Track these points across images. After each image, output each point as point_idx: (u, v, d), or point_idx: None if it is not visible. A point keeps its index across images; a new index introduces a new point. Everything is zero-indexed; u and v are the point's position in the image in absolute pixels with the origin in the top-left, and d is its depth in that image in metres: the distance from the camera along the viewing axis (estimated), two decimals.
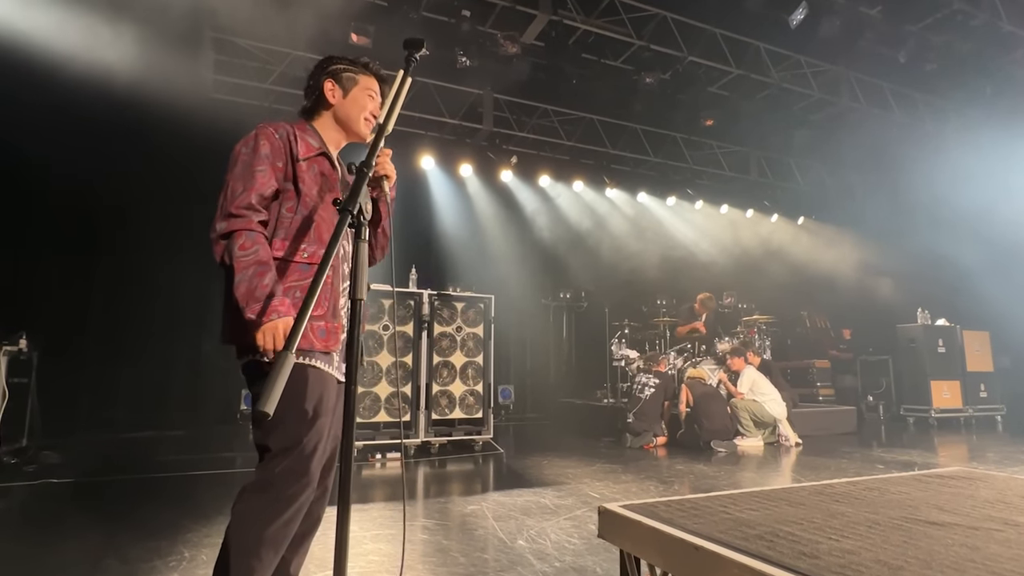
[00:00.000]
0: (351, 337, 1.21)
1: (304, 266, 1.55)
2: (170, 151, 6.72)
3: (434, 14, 6.50)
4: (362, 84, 1.74)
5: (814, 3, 6.54)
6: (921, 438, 6.64)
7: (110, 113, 6.06)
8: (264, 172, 1.54)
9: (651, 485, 4.10)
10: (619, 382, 8.00)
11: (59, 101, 5.79)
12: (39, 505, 3.58)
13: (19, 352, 4.83)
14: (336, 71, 1.74)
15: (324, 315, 1.55)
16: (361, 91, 1.73)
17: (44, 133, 5.99)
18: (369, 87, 1.75)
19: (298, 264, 1.54)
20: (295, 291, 1.52)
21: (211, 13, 5.84)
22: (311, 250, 1.56)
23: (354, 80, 1.74)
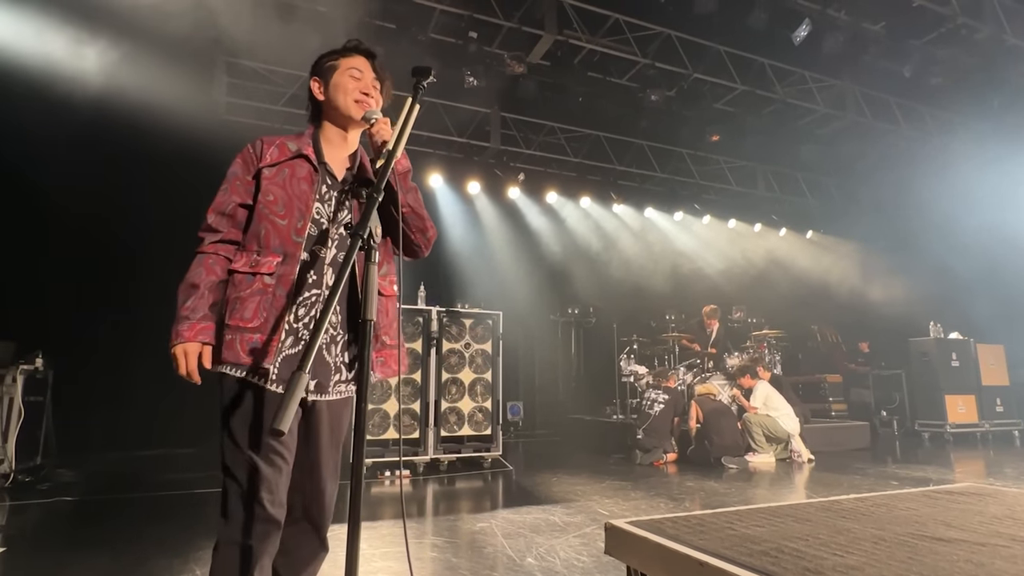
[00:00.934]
0: (361, 357, 1.19)
1: (249, 276, 1.47)
2: (182, 173, 6.85)
3: (442, 36, 6.63)
4: (343, 67, 1.63)
5: (817, 20, 6.61)
6: (937, 454, 6.54)
7: (124, 136, 6.21)
8: (225, 190, 1.57)
9: (661, 502, 4.07)
10: (628, 398, 7.96)
11: (74, 126, 5.95)
12: (53, 523, 3.62)
13: (35, 371, 4.91)
14: (318, 66, 1.67)
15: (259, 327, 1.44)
16: (342, 74, 1.62)
17: (59, 155, 6.14)
18: (351, 66, 1.63)
19: (244, 275, 1.47)
20: (236, 303, 1.45)
21: (224, 37, 6.00)
22: (260, 260, 1.47)
23: (334, 67, 1.64)
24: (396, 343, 1.65)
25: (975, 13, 6.66)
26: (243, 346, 1.42)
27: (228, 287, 1.50)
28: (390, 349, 1.63)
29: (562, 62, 7.13)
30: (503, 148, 8.47)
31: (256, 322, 1.44)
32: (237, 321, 1.45)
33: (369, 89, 1.63)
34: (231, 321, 1.45)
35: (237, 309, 1.45)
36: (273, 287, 1.46)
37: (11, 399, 4.58)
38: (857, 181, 10.34)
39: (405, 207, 1.60)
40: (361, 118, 1.59)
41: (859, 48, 6.94)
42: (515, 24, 6.53)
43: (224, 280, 1.51)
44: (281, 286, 1.46)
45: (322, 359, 1.50)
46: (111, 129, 6.09)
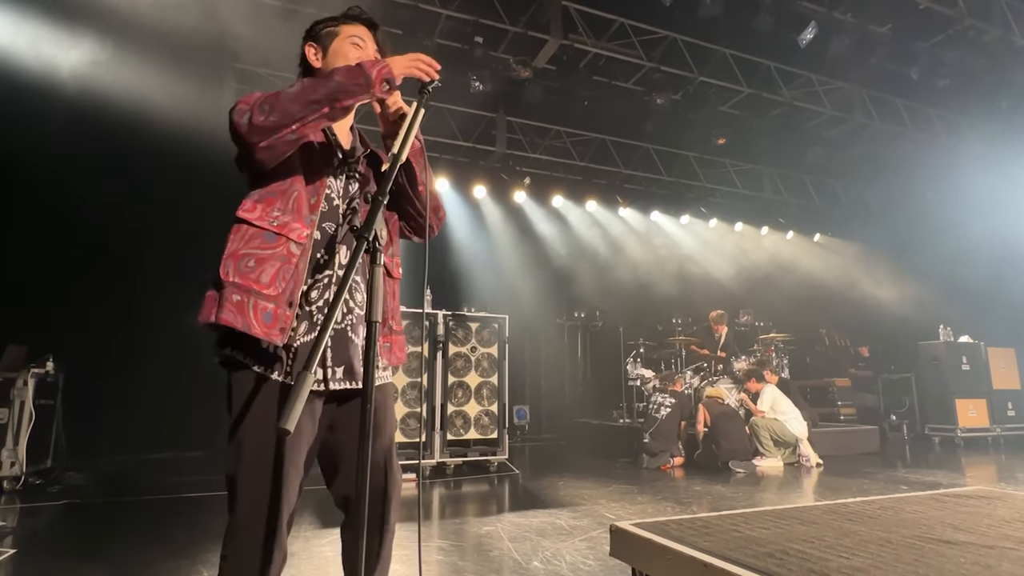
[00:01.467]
0: (367, 357, 1.12)
1: (270, 235, 1.31)
2: (190, 177, 6.93)
3: (448, 41, 6.67)
4: (344, 34, 1.50)
5: (823, 22, 6.60)
6: (947, 458, 6.48)
7: (133, 143, 6.28)
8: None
9: (668, 506, 4.05)
10: (635, 402, 7.94)
11: (81, 132, 6.02)
12: (63, 525, 3.65)
13: (46, 374, 4.96)
14: (314, 31, 1.54)
15: (276, 296, 1.27)
16: (342, 41, 1.49)
17: (68, 162, 6.21)
18: (352, 34, 1.50)
19: (264, 231, 1.31)
20: (250, 259, 1.28)
21: (232, 44, 6.07)
22: (283, 219, 1.32)
23: (334, 32, 1.51)
24: (401, 329, 1.56)
25: (983, 15, 6.63)
26: (256, 314, 1.25)
27: (231, 239, 1.32)
28: (396, 335, 1.52)
29: (567, 66, 7.16)
30: (509, 152, 8.49)
31: (273, 290, 1.27)
32: (251, 282, 1.26)
33: (372, 57, 1.51)
34: (242, 280, 1.27)
35: (252, 269, 1.27)
36: (297, 258, 1.31)
37: (22, 402, 4.63)
38: (864, 184, 10.29)
39: (421, 186, 1.51)
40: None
41: (866, 50, 6.92)
42: (520, 29, 6.56)
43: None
44: (303, 259, 1.33)
45: (348, 341, 1.38)
46: (119, 135, 6.16)
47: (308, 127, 1.28)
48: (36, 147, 5.98)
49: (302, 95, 1.26)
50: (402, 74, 1.34)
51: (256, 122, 1.24)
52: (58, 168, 6.19)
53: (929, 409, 8.01)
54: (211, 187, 7.15)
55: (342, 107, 1.29)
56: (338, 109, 1.29)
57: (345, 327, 1.38)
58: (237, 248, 1.30)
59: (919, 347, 8.16)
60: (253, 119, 1.24)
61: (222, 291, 1.27)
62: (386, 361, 1.49)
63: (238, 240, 1.31)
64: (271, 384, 1.28)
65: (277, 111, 1.24)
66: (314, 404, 1.33)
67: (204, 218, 7.30)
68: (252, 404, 1.26)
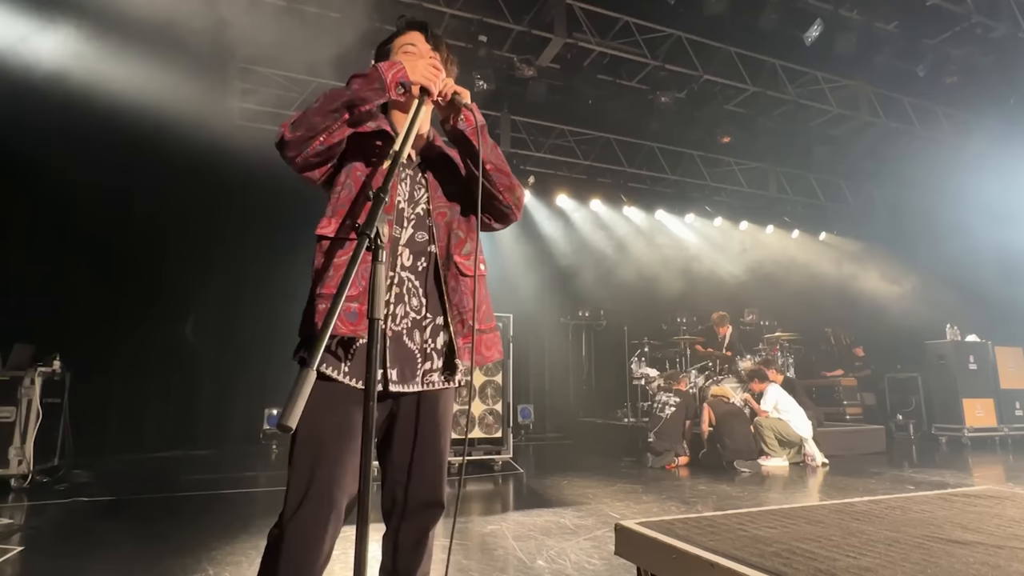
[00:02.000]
0: (369, 355, 1.12)
1: (343, 242, 1.37)
2: (196, 177, 6.96)
3: (452, 40, 6.62)
4: (396, 47, 1.56)
5: (829, 20, 6.56)
6: (954, 458, 6.44)
7: (140, 143, 6.31)
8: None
9: (673, 505, 4.04)
10: (639, 401, 7.93)
11: (91, 132, 6.05)
12: (70, 523, 3.67)
13: (53, 373, 4.98)
14: (377, 56, 1.59)
15: (358, 295, 1.31)
16: (396, 55, 1.54)
17: (76, 162, 6.24)
18: (404, 43, 1.55)
19: (339, 240, 1.37)
20: (330, 269, 1.34)
21: (238, 44, 6.09)
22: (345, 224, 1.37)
23: (389, 50, 1.57)
24: (489, 327, 1.52)
25: (990, 11, 6.58)
26: (341, 316, 1.29)
27: (316, 256, 1.37)
28: (481, 333, 1.49)
29: (572, 65, 7.14)
30: (513, 151, 8.49)
31: (354, 289, 1.32)
32: (331, 288, 1.32)
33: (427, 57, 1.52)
34: (326, 290, 1.32)
35: (332, 277, 1.33)
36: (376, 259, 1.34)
37: (29, 401, 4.65)
38: (871, 182, 10.23)
39: (488, 163, 1.45)
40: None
41: (872, 48, 6.88)
42: (525, 28, 6.55)
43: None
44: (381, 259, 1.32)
45: (402, 346, 1.39)
46: (127, 135, 6.20)
47: (334, 135, 1.34)
48: (44, 148, 6.03)
49: (323, 106, 1.33)
50: (418, 82, 1.37)
51: (287, 138, 1.32)
52: (66, 168, 6.23)
53: (936, 409, 7.97)
54: (219, 187, 7.24)
55: (361, 112, 1.34)
56: (358, 114, 1.34)
57: (401, 330, 1.40)
58: (320, 263, 1.36)
59: (925, 346, 8.11)
60: (285, 136, 1.32)
61: (313, 304, 1.34)
62: (466, 361, 1.46)
63: (320, 255, 1.37)
64: (331, 384, 1.32)
65: (303, 125, 1.31)
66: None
67: (212, 218, 7.38)
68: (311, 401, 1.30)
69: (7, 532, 3.36)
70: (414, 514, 1.43)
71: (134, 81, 5.85)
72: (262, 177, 6.16)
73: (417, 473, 1.43)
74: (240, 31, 5.81)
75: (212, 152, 6.47)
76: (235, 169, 6.68)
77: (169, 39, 5.65)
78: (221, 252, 7.40)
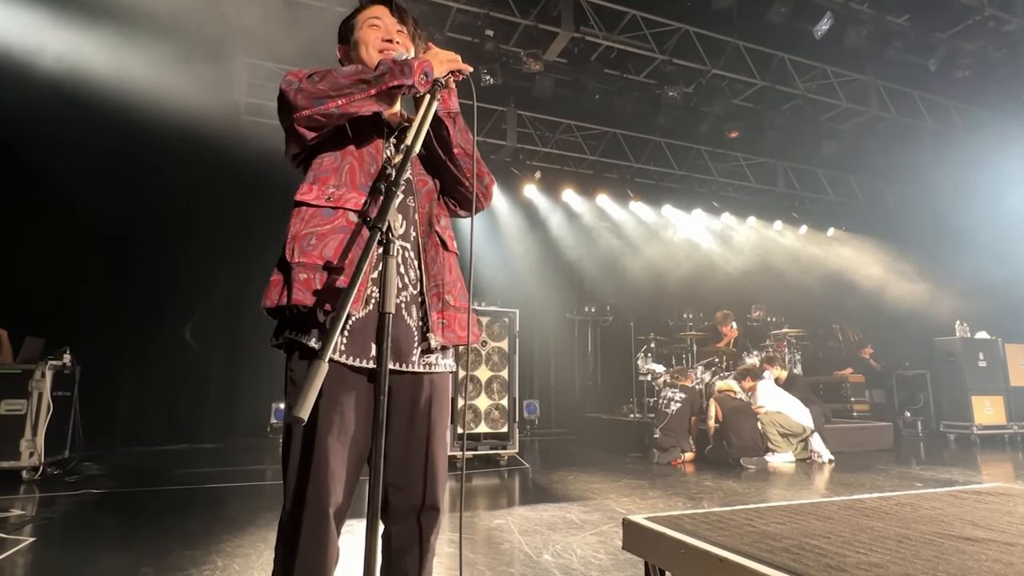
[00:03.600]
0: (379, 347, 1.09)
1: (328, 211, 1.29)
2: (202, 172, 6.99)
3: (458, 34, 6.65)
4: (360, 21, 1.50)
5: (839, 13, 6.50)
6: (963, 455, 6.40)
7: (147, 138, 6.34)
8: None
9: (679, 501, 4.04)
10: (645, 397, 7.91)
11: (96, 129, 6.09)
12: (80, 514, 3.70)
13: (63, 366, 5.03)
14: (340, 33, 1.55)
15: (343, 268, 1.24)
16: (361, 28, 1.49)
17: (84, 157, 6.27)
18: (368, 17, 1.50)
19: (321, 208, 1.30)
20: (311, 238, 1.26)
21: (244, 39, 6.10)
22: (338, 193, 1.31)
23: (352, 25, 1.52)
24: (463, 306, 1.43)
25: (1004, 4, 6.50)
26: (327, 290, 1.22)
27: (292, 223, 1.30)
28: (456, 311, 1.41)
29: (579, 59, 7.11)
30: (519, 146, 8.47)
31: (341, 262, 1.24)
32: (316, 259, 1.24)
33: (391, 34, 1.48)
34: (307, 259, 1.24)
35: (315, 246, 1.25)
36: (361, 228, 1.29)
37: (40, 393, 4.70)
38: (880, 177, 10.15)
39: (457, 148, 1.43)
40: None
41: (882, 42, 6.81)
42: (531, 22, 6.52)
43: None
44: (366, 228, 1.28)
45: (400, 320, 1.31)
46: (133, 131, 6.23)
47: (354, 105, 1.28)
48: (55, 144, 6.06)
49: (354, 73, 1.29)
50: (441, 72, 1.35)
51: (305, 86, 1.27)
52: (77, 164, 6.26)
53: (944, 406, 7.92)
54: (225, 182, 7.26)
55: (387, 88, 1.29)
56: (383, 91, 1.29)
57: (400, 304, 1.32)
58: (299, 230, 1.28)
59: (934, 343, 8.05)
60: (302, 84, 1.27)
61: (289, 273, 1.25)
62: (441, 339, 1.36)
63: (299, 222, 1.30)
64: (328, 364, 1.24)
65: (327, 81, 1.27)
66: (361, 385, 1.28)
67: (219, 212, 7.41)
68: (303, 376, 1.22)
69: (19, 523, 3.39)
70: (407, 517, 1.33)
71: (141, 76, 5.87)
72: (270, 172, 6.17)
73: (412, 473, 1.33)
74: (247, 27, 5.82)
75: (219, 147, 6.49)
76: (243, 164, 6.70)
77: (176, 35, 5.67)
78: (230, 246, 7.44)
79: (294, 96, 1.27)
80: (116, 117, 5.93)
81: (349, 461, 1.25)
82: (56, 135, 6.02)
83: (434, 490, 1.36)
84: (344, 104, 1.27)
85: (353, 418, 1.26)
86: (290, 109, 1.28)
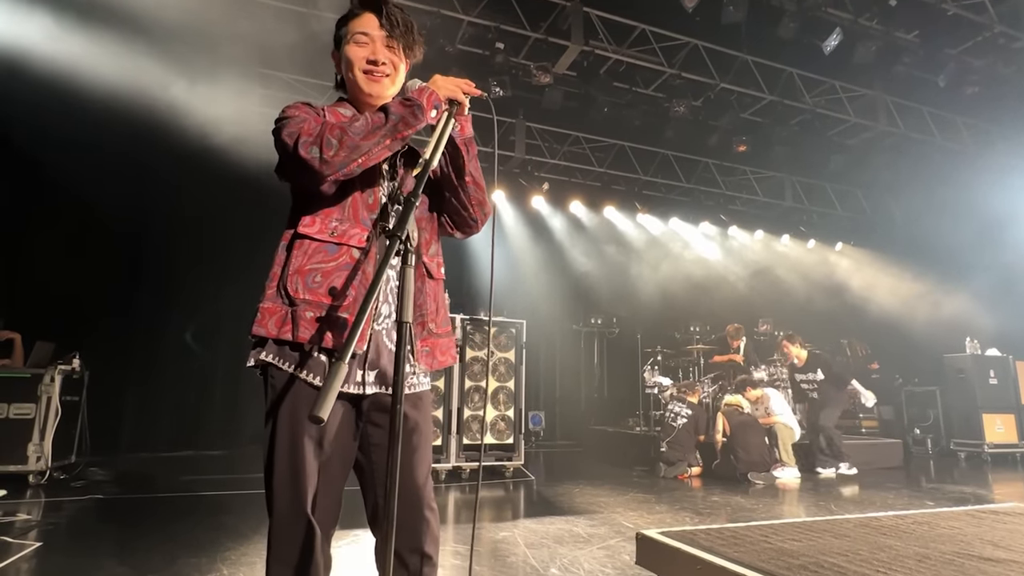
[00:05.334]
0: (398, 357, 1.09)
1: (332, 247, 1.31)
2: (216, 182, 7.04)
3: (470, 47, 6.71)
4: (349, 33, 1.44)
5: (848, 29, 6.52)
6: (974, 474, 6.32)
7: (159, 146, 6.39)
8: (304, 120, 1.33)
9: (686, 516, 4.00)
10: (652, 410, 7.86)
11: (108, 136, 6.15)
12: (85, 520, 3.70)
13: (72, 371, 5.05)
14: (335, 38, 1.49)
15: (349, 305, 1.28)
16: (349, 44, 1.43)
17: (96, 164, 6.33)
18: (356, 30, 1.42)
19: (324, 244, 1.32)
20: (316, 274, 1.28)
21: (260, 51, 6.17)
22: (341, 228, 1.33)
23: (343, 35, 1.46)
24: (445, 331, 1.47)
25: (1013, 21, 6.50)
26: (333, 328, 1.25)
27: (293, 255, 1.32)
28: (439, 338, 1.45)
29: (588, 72, 7.15)
30: (528, 157, 8.50)
31: (347, 299, 1.27)
32: (321, 297, 1.27)
33: (379, 54, 1.41)
34: (312, 296, 1.27)
35: (320, 283, 1.28)
36: (363, 264, 1.31)
37: (49, 398, 4.71)
38: (889, 192, 10.12)
39: (468, 176, 1.45)
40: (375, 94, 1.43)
41: (892, 57, 6.81)
42: (541, 35, 6.58)
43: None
44: (369, 264, 1.32)
45: (383, 346, 1.35)
46: (145, 139, 6.28)
47: (374, 159, 1.31)
48: (66, 150, 6.12)
49: (367, 131, 1.29)
50: (447, 97, 1.36)
51: (327, 157, 1.26)
52: (88, 170, 6.31)
53: (955, 423, 7.83)
54: (236, 192, 7.30)
55: (402, 137, 1.33)
56: (398, 140, 1.33)
57: (381, 331, 1.35)
58: (302, 264, 1.30)
59: (944, 360, 7.98)
60: (324, 154, 1.26)
61: (294, 308, 1.28)
62: (426, 366, 1.42)
63: (301, 256, 1.31)
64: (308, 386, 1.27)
65: (346, 147, 1.27)
66: (345, 408, 1.33)
67: (228, 223, 7.45)
68: (289, 404, 1.27)
69: (25, 528, 3.39)
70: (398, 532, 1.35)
71: (154, 86, 5.93)
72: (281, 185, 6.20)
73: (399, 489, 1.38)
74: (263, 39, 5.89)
75: (231, 157, 6.54)
76: (253, 173, 6.75)
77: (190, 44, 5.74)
78: (238, 255, 7.47)
79: (319, 166, 1.27)
80: (128, 126, 5.98)
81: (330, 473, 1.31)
82: (68, 143, 6.07)
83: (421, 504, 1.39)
84: (365, 161, 1.30)
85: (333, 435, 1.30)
86: (316, 177, 1.28)
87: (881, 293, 9.85)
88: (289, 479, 1.25)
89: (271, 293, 1.31)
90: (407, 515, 1.35)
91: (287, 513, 1.25)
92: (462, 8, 6.29)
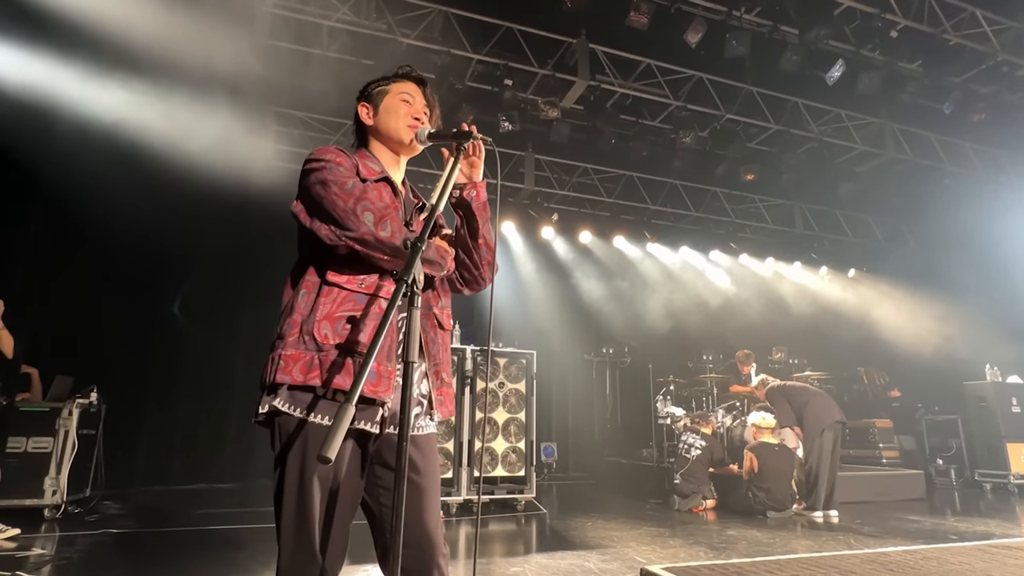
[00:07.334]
0: (404, 397, 1.15)
1: (360, 296, 1.38)
2: (232, 220, 7.22)
3: (479, 84, 6.90)
4: (393, 91, 1.61)
5: (850, 60, 6.62)
6: (1000, 506, 6.12)
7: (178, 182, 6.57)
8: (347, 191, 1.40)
9: (701, 551, 3.92)
10: (665, 440, 7.76)
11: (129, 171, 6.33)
12: (98, 555, 3.72)
13: (90, 405, 5.12)
14: (366, 91, 1.65)
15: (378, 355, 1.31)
16: (393, 98, 1.60)
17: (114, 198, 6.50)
18: (402, 91, 1.61)
19: (354, 293, 1.38)
20: (343, 320, 1.34)
21: (275, 90, 6.40)
22: (370, 280, 1.39)
23: (384, 91, 1.61)
24: (451, 380, 1.57)
25: (1016, 50, 6.56)
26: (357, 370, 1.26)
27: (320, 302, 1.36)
28: (448, 388, 1.53)
29: (595, 106, 7.30)
30: (537, 189, 8.63)
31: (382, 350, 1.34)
32: (351, 344, 1.32)
33: (420, 115, 1.60)
34: (344, 343, 1.32)
35: (350, 331, 1.33)
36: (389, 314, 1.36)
37: (67, 432, 4.78)
38: (899, 218, 10.08)
39: (481, 239, 1.57)
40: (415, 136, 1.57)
41: (896, 86, 6.88)
42: (549, 71, 6.75)
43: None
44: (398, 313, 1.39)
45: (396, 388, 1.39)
46: (165, 174, 6.46)
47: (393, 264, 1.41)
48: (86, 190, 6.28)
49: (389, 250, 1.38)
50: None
51: (382, 237, 1.35)
52: (105, 204, 6.46)
53: (978, 453, 7.62)
54: (250, 231, 7.47)
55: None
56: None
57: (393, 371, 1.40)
58: (331, 311, 1.35)
59: (964, 387, 7.82)
60: (380, 236, 1.35)
61: (322, 354, 1.32)
62: (440, 416, 1.48)
63: (329, 303, 1.36)
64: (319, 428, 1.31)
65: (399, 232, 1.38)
66: (354, 447, 1.36)
67: (243, 257, 7.60)
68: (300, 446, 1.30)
69: (40, 563, 3.42)
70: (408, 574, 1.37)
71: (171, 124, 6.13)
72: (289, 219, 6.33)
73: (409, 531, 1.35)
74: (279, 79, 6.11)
75: (246, 196, 6.72)
76: (270, 208, 6.91)
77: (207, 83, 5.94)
78: (253, 289, 7.60)
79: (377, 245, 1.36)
80: (147, 164, 6.16)
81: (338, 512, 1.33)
82: (86, 179, 6.23)
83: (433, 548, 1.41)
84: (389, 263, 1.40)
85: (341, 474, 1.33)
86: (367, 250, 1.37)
87: (896, 319, 9.73)
88: (298, 520, 1.28)
89: (292, 340, 1.34)
90: (418, 564, 1.37)
91: (296, 554, 1.28)
92: (471, 47, 6.50)
